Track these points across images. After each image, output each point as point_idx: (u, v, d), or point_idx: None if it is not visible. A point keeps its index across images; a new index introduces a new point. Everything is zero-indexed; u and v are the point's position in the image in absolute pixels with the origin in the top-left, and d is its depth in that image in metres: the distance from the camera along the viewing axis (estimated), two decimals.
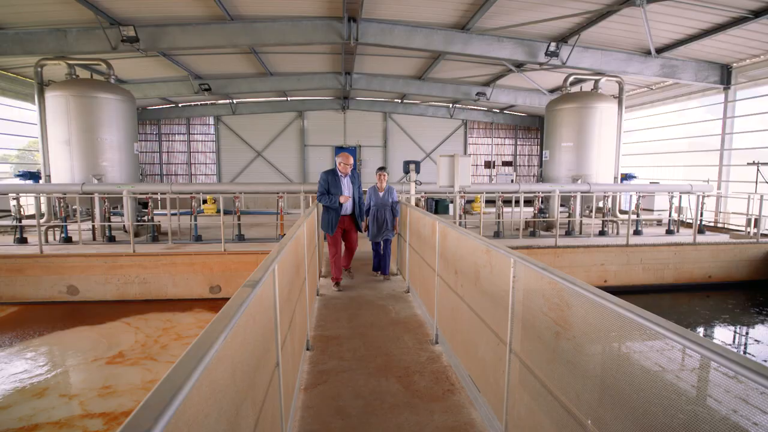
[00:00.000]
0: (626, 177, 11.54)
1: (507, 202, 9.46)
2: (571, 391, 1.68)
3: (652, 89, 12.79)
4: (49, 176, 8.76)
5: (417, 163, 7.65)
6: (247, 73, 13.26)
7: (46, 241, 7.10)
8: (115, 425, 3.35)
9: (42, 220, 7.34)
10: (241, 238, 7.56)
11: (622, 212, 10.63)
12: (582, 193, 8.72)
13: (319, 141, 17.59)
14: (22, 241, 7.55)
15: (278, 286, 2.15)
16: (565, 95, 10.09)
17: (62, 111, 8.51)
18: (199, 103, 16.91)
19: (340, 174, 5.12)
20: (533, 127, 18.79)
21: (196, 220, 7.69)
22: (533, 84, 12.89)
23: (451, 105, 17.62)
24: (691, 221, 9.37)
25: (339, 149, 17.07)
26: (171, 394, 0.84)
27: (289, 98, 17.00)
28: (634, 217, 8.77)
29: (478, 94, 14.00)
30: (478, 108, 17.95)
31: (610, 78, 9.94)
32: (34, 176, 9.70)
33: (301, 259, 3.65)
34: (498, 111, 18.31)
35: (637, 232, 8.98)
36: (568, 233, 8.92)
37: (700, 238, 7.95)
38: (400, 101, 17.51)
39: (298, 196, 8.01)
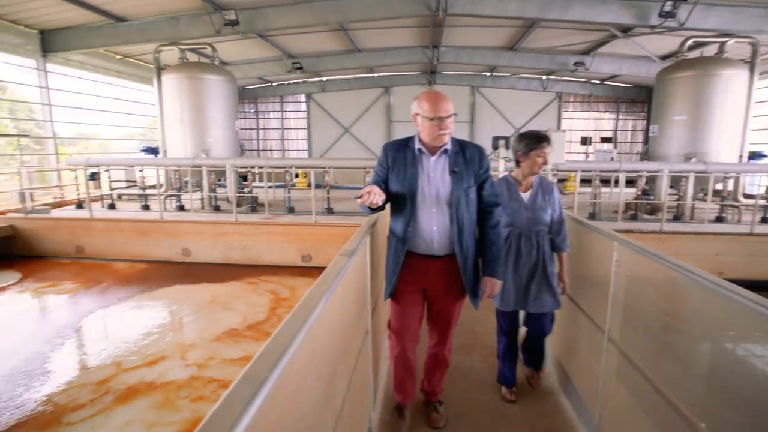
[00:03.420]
0: (754, 155, 9.99)
1: (605, 182, 8.73)
2: (682, 390, 1.54)
3: None
4: (166, 151, 9.83)
5: (506, 139, 7.34)
6: (336, 51, 13.53)
7: (165, 208, 8.03)
8: (227, 371, 3.76)
9: (161, 190, 8.30)
10: (330, 211, 7.91)
11: (747, 196, 9.26)
12: (696, 173, 7.75)
13: (404, 117, 17.56)
14: (146, 207, 8.64)
15: (369, 257, 2.22)
16: (681, 62, 8.89)
17: (176, 92, 9.41)
18: (291, 81, 17.68)
19: (421, 149, 2.05)
20: (638, 99, 16.94)
21: (289, 192, 8.19)
22: (641, 50, 11.54)
23: (544, 77, 16.48)
24: None
25: None
26: (282, 349, 0.92)
27: (375, 74, 17.10)
28: (762, 202, 7.62)
29: (576, 64, 12.90)
30: (575, 79, 16.58)
31: (741, 39, 8.54)
32: (155, 151, 10.95)
33: None
34: (598, 82, 16.75)
35: (765, 220, 7.81)
36: (677, 218, 8.03)
37: None
38: (488, 74, 16.76)
39: None
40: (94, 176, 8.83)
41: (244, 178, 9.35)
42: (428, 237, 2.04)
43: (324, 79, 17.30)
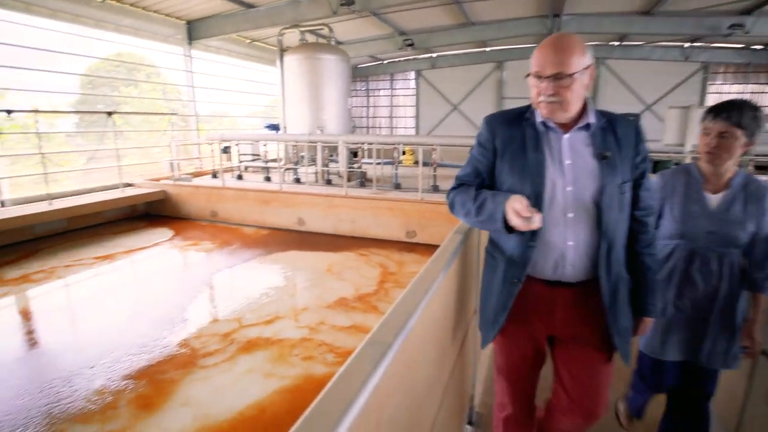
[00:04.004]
0: None
1: (762, 168, 7.41)
2: None
3: None
4: (286, 128, 10.61)
5: (636, 116, 6.56)
6: (448, 25, 13.19)
7: (284, 180, 8.72)
8: (342, 339, 4.04)
9: (281, 163, 9.03)
10: (436, 188, 7.91)
11: None
12: None
13: (517, 93, 16.63)
14: (268, 179, 9.48)
15: (482, 235, 2.18)
16: None
17: (296, 72, 10.04)
18: (401, 59, 17.74)
19: (547, 123, 1.38)
20: None
21: (397, 169, 8.35)
22: None
23: (686, 44, 14.25)
24: None
25: None
26: (406, 317, 0.95)
27: (488, 48, 16.37)
28: None
29: (732, 26, 10.88)
30: (729, 45, 14.06)
31: None
32: (276, 128, 11.92)
33: None
34: (760, 47, 14.03)
35: None
36: None
37: None
38: (617, 44, 15.00)
39: None
40: (226, 150, 9.89)
41: (355, 154, 9.73)
42: (559, 256, 1.37)
43: (434, 55, 17.05)
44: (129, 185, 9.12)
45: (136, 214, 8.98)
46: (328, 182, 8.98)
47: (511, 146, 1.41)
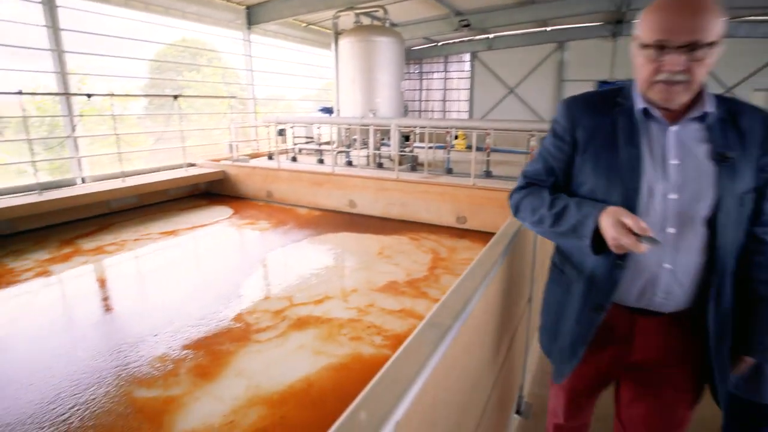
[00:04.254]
0: None
1: None
2: None
3: None
4: (339, 111, 10.71)
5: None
6: (507, 4, 12.64)
7: (336, 163, 8.85)
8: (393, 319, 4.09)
9: (334, 146, 9.15)
10: (488, 174, 7.72)
11: None
12: None
13: (578, 75, 15.75)
14: (321, 161, 9.66)
15: None
16: None
17: (349, 55, 10.06)
18: (456, 40, 17.28)
19: (649, 110, 1.09)
20: None
21: (449, 153, 8.22)
22: None
23: None
24: None
25: (603, 84, 14.91)
26: (465, 301, 0.93)
27: (548, 28, 15.56)
28: None
29: None
30: None
31: None
32: (329, 111, 12.07)
33: None
34: None
35: None
36: None
37: None
38: None
39: None
40: (281, 132, 10.16)
41: (406, 138, 9.67)
42: (649, 280, 1.12)
43: (491, 36, 16.45)
44: (192, 165, 9.64)
45: (198, 193, 9.49)
46: (380, 165, 9.01)
47: (597, 139, 1.14)
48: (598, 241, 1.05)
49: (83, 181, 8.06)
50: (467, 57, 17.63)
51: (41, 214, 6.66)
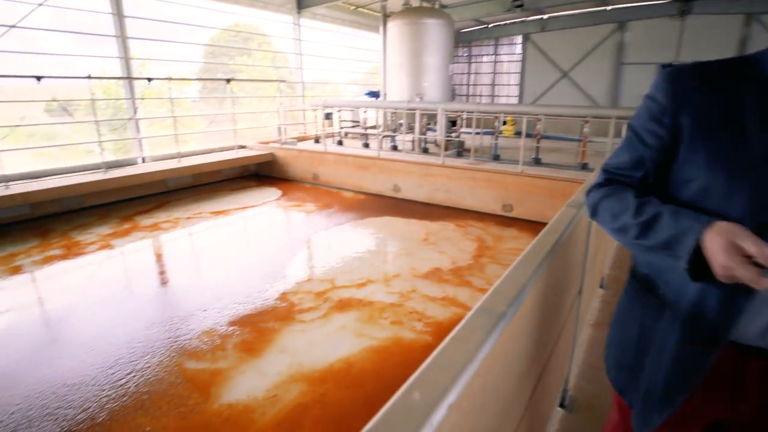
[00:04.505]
0: None
1: None
2: None
3: None
4: (386, 95, 10.66)
5: None
6: None
7: (381, 147, 8.85)
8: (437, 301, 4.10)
9: (379, 130, 9.15)
10: (537, 161, 7.46)
11: None
12: None
13: (640, 57, 14.76)
14: (366, 146, 9.70)
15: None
16: None
17: (397, 37, 9.95)
18: (508, 22, 16.64)
19: None
20: None
21: (497, 139, 8.01)
22: None
23: None
24: None
25: (666, 67, 13.88)
26: (518, 288, 0.91)
27: (608, 7, 14.64)
28: None
29: None
30: None
31: None
32: (376, 94, 12.04)
33: None
34: None
35: None
36: None
37: None
38: None
39: (607, 123, 7.15)
40: (328, 116, 10.26)
41: (453, 123, 9.50)
42: None
43: (545, 17, 15.71)
44: (242, 147, 9.97)
45: (247, 174, 9.81)
46: (425, 151, 8.92)
47: (714, 122, 0.86)
48: (700, 264, 0.80)
49: (143, 160, 8.53)
50: (519, 39, 16.96)
51: (106, 191, 7.14)
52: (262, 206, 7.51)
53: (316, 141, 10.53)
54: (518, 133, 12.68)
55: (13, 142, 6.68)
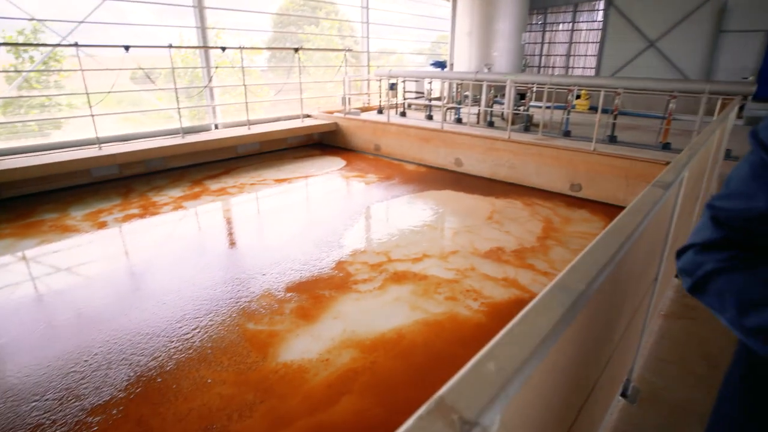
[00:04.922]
0: None
1: None
2: None
3: None
4: (453, 65, 10.32)
5: None
6: None
7: (445, 119, 8.65)
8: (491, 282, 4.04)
9: (444, 102, 8.93)
10: (612, 139, 6.95)
11: None
12: None
13: (743, 24, 13.08)
14: (430, 118, 9.53)
15: (681, 197, 1.85)
16: None
17: (468, 4, 9.50)
18: None
19: None
20: None
21: (569, 114, 7.54)
22: None
23: None
24: None
25: None
26: (598, 268, 0.86)
27: None
28: None
29: None
30: None
31: None
32: (442, 65, 11.70)
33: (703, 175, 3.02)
34: None
35: None
36: None
37: None
38: None
39: (699, 98, 6.45)
40: (392, 86, 10.15)
41: (522, 95, 9.05)
42: None
43: None
44: (307, 116, 10.17)
45: (311, 143, 10.04)
46: (490, 124, 8.61)
47: None
48: None
49: (216, 127, 8.98)
50: (600, 5, 15.60)
51: (183, 155, 7.63)
52: (324, 175, 7.68)
53: (380, 112, 10.50)
54: (593, 108, 11.84)
55: (105, 108, 7.27)
